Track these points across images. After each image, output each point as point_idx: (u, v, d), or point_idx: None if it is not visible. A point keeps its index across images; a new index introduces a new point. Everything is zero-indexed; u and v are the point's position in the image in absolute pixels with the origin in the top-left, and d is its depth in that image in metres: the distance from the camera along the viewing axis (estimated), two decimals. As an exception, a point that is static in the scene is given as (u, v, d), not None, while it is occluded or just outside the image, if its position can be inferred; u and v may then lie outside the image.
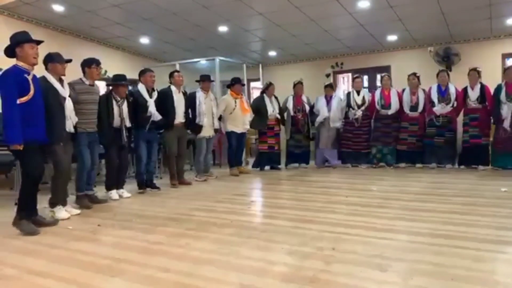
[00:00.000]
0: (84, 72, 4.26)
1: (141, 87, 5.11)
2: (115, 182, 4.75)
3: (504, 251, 2.49)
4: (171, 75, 5.57)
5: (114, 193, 4.68)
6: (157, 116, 5.07)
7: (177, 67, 7.89)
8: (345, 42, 8.64)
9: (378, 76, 9.00)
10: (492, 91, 5.91)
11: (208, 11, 6.68)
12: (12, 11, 6.52)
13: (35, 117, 3.29)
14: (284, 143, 6.99)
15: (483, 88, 5.98)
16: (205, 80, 5.94)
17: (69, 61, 3.85)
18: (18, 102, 3.14)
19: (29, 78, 3.25)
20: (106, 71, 7.51)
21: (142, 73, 5.23)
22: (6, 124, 3.13)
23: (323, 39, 8.30)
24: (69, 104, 3.78)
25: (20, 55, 3.24)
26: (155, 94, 5.18)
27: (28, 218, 3.30)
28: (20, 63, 3.24)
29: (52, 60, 3.71)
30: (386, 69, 8.95)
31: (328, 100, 6.80)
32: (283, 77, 8.52)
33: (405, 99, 6.45)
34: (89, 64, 4.25)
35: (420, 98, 6.36)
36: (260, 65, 9.09)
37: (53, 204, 3.79)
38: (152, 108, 5.03)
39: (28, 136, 3.18)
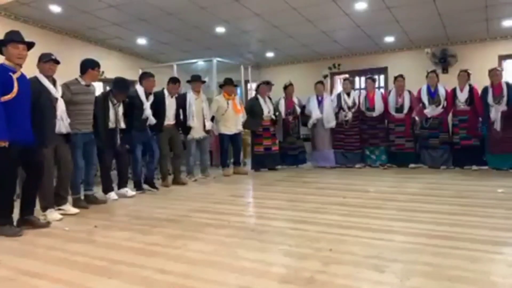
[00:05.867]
0: (84, 72, 4.20)
1: (140, 89, 5.12)
2: (111, 184, 4.75)
3: (500, 252, 2.50)
4: (169, 81, 5.57)
5: (113, 194, 4.68)
6: (152, 120, 5.08)
7: (174, 68, 7.87)
8: (342, 43, 8.65)
9: (376, 78, 9.03)
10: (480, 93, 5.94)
11: (205, 12, 6.68)
12: (9, 11, 6.49)
13: (17, 117, 3.20)
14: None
15: (472, 90, 6.00)
16: (195, 80, 5.94)
17: (57, 62, 3.75)
18: (1, 100, 3.07)
19: (14, 76, 3.20)
20: (103, 72, 7.48)
21: (144, 76, 5.25)
22: None
23: (320, 40, 8.31)
24: (61, 105, 3.74)
25: (5, 54, 3.24)
26: (151, 98, 5.19)
27: (8, 222, 3.23)
28: (6, 62, 3.23)
29: (39, 60, 3.68)
30: (383, 70, 8.99)
31: (320, 100, 6.82)
32: (280, 78, 8.50)
33: (391, 101, 6.49)
34: (93, 66, 4.23)
35: (405, 99, 6.40)
36: (258, 66, 9.09)
37: (44, 208, 3.73)
38: (148, 111, 5.04)
39: (10, 135, 3.09)
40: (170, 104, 5.49)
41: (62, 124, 3.76)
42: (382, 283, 2.06)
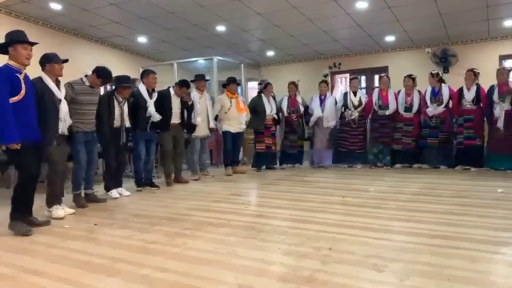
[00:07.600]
0: (92, 73, 4.22)
1: (142, 88, 5.12)
2: (114, 183, 4.74)
3: (500, 251, 2.50)
4: (178, 83, 5.56)
5: (114, 192, 4.69)
6: (157, 117, 5.07)
7: (175, 67, 7.88)
8: (343, 43, 8.65)
9: (376, 77, 9.04)
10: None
11: (206, 11, 6.67)
12: (10, 9, 6.49)
13: (28, 116, 3.24)
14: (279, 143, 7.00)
15: (479, 89, 6.00)
16: (199, 79, 5.96)
17: (66, 60, 3.81)
18: (10, 101, 3.09)
19: (21, 77, 3.20)
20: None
21: (144, 74, 5.24)
22: (1, 123, 3.06)
23: (321, 40, 8.30)
24: (64, 106, 3.73)
25: (12, 54, 3.20)
26: (155, 95, 5.18)
27: (22, 219, 3.26)
28: (12, 62, 3.20)
29: (50, 60, 3.66)
30: (383, 70, 8.97)
31: (322, 99, 6.82)
32: (281, 77, 8.51)
33: (400, 100, 6.49)
34: (99, 75, 4.21)
35: (415, 99, 6.40)
36: (258, 65, 9.09)
37: (50, 203, 3.77)
38: (151, 108, 5.03)
39: (22, 135, 3.13)
40: (176, 104, 5.51)
41: (65, 125, 3.76)
42: (381, 282, 2.06)
